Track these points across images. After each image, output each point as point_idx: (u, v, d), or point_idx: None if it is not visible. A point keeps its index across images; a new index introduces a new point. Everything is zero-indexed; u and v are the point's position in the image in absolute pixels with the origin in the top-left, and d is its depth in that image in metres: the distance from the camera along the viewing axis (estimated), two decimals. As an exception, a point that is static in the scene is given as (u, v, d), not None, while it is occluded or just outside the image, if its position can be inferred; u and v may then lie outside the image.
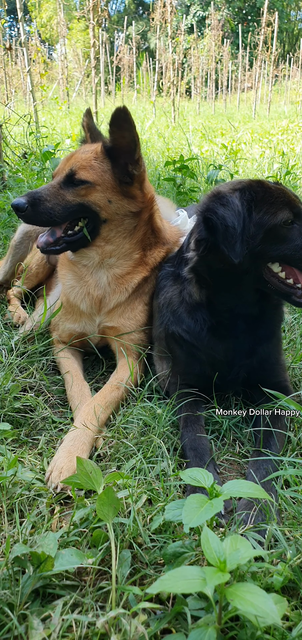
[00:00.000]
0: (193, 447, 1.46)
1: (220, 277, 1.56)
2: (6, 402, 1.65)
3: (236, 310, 1.60)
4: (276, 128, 11.02)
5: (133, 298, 1.96)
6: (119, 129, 1.74)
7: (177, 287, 1.75)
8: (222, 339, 1.63)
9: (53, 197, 1.76)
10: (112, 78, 25.69)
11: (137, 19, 44.40)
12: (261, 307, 1.62)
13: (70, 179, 1.78)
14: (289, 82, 26.15)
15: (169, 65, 13.82)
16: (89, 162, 1.79)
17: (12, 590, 0.98)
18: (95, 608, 0.98)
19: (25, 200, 1.73)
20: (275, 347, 1.72)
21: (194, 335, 1.65)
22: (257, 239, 1.46)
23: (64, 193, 1.78)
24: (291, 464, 1.41)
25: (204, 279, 1.61)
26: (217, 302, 1.61)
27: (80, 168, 1.78)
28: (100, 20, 10.32)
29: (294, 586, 1.03)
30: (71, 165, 1.79)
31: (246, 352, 1.63)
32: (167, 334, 1.77)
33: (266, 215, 1.46)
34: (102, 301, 1.93)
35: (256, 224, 1.46)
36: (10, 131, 5.43)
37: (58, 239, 1.82)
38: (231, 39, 30.58)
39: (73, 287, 1.96)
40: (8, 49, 6.30)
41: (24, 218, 1.78)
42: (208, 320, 1.62)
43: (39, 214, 1.75)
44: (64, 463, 1.37)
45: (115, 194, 1.81)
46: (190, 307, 1.67)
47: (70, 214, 1.80)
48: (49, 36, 35.31)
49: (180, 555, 1.03)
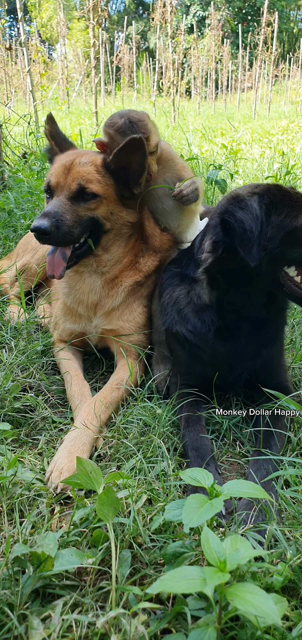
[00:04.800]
0: (195, 447, 1.47)
1: (234, 279, 1.55)
2: (6, 402, 1.65)
3: (243, 312, 1.60)
4: (276, 128, 11.02)
5: (131, 301, 1.97)
6: (130, 153, 1.76)
7: (184, 288, 1.74)
8: (227, 341, 1.63)
9: (70, 215, 1.72)
10: (112, 78, 25.70)
11: (137, 18, 44.42)
12: (268, 310, 1.62)
13: (81, 194, 1.76)
14: (289, 82, 26.16)
15: (169, 65, 13.83)
16: (94, 176, 1.78)
17: (12, 590, 0.98)
18: (95, 608, 0.98)
19: (48, 223, 1.65)
20: (278, 350, 1.72)
21: (200, 336, 1.64)
22: (276, 242, 1.46)
23: (76, 209, 1.76)
24: (291, 464, 1.41)
25: (217, 280, 1.60)
26: (227, 303, 1.61)
27: (88, 182, 1.77)
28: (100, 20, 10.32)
29: (294, 586, 1.03)
30: (78, 179, 1.76)
31: (250, 354, 1.63)
32: (170, 334, 1.77)
33: (287, 218, 1.47)
34: (97, 305, 1.95)
35: (276, 226, 1.47)
36: (10, 131, 5.43)
37: (70, 257, 1.79)
38: (231, 39, 30.59)
39: (69, 293, 1.99)
40: (8, 49, 6.31)
41: (49, 241, 1.70)
42: (216, 322, 1.62)
43: (62, 236, 1.69)
44: (64, 463, 1.37)
45: (116, 205, 1.84)
46: (197, 308, 1.66)
47: (84, 230, 1.79)
48: (49, 36, 35.31)
49: (180, 555, 1.03)
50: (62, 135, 2.07)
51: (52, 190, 1.82)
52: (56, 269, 1.74)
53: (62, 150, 2.01)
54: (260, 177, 5.28)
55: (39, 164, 4.60)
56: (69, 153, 1.93)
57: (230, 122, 11.18)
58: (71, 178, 1.77)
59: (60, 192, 1.78)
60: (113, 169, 1.81)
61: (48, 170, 2.00)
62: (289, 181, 4.60)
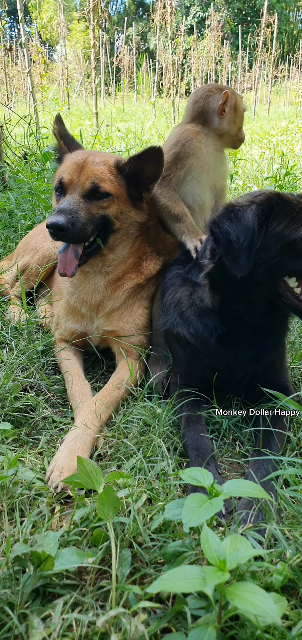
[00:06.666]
0: (195, 446, 1.47)
1: (233, 285, 1.55)
2: (7, 402, 1.65)
3: (245, 318, 1.60)
4: (276, 129, 11.03)
5: (131, 302, 1.98)
6: (147, 161, 1.81)
7: (187, 289, 1.74)
8: (228, 347, 1.63)
9: (84, 213, 1.73)
10: (112, 79, 25.70)
11: (137, 19, 44.46)
12: (270, 318, 1.62)
13: (94, 192, 1.78)
14: (288, 83, 26.18)
15: (169, 66, 13.84)
16: (107, 175, 1.81)
17: (13, 590, 0.98)
18: (96, 607, 0.98)
19: (65, 219, 1.65)
20: (280, 353, 1.73)
21: (201, 340, 1.64)
22: (272, 252, 1.46)
23: (89, 207, 1.77)
24: (290, 464, 1.41)
25: (219, 285, 1.60)
26: (229, 309, 1.61)
27: (102, 181, 1.79)
28: (101, 21, 10.34)
29: (294, 585, 1.03)
30: (92, 177, 1.78)
31: (251, 359, 1.63)
32: (171, 335, 1.77)
33: (286, 229, 1.46)
34: (99, 305, 1.96)
35: (273, 236, 1.46)
36: (11, 132, 5.44)
37: (81, 255, 1.79)
38: (230, 40, 30.60)
39: (73, 292, 1.99)
40: (8, 50, 6.32)
41: (65, 238, 1.71)
42: (219, 328, 1.61)
43: (77, 232, 1.70)
44: (64, 462, 1.37)
45: (126, 205, 1.87)
46: (200, 311, 1.66)
47: (96, 228, 1.80)
48: (49, 37, 35.32)
49: (180, 554, 1.03)
50: (70, 136, 2.10)
51: (65, 188, 1.83)
52: (68, 267, 1.75)
53: (71, 149, 2.02)
54: (259, 177, 5.28)
55: (40, 165, 4.60)
56: (80, 152, 1.96)
57: (230, 123, 11.15)
58: (85, 176, 1.79)
59: (73, 190, 1.79)
60: (127, 173, 1.85)
61: (54, 170, 2.02)
62: (289, 182, 4.60)
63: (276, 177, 4.56)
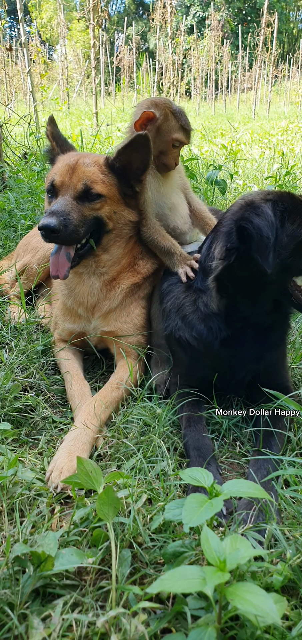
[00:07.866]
0: (196, 446, 1.47)
1: (242, 286, 1.54)
2: (6, 402, 1.65)
3: (250, 319, 1.59)
4: (276, 128, 11.03)
5: (128, 302, 1.97)
6: (134, 150, 1.80)
7: (190, 296, 1.72)
8: (231, 348, 1.62)
9: (76, 215, 1.73)
10: (112, 79, 25.71)
11: (137, 19, 44.44)
12: (273, 317, 1.62)
13: (86, 194, 1.78)
14: (288, 82, 26.19)
15: (169, 66, 13.84)
16: (99, 176, 1.80)
17: (13, 590, 0.98)
18: (96, 607, 0.98)
19: (57, 221, 1.64)
20: (281, 352, 1.72)
21: (205, 343, 1.62)
22: (288, 251, 1.46)
23: (81, 208, 1.76)
24: (290, 464, 1.41)
25: (226, 288, 1.58)
26: (235, 311, 1.59)
27: (94, 182, 1.78)
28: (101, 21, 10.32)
29: (294, 586, 1.03)
30: (83, 179, 1.78)
31: (253, 358, 1.63)
32: (172, 338, 1.76)
33: (299, 227, 1.46)
34: (95, 307, 1.95)
35: (289, 235, 1.46)
36: (11, 132, 5.44)
37: (74, 257, 1.79)
38: (230, 40, 30.61)
39: (69, 295, 1.99)
40: (8, 49, 6.31)
41: (57, 240, 1.70)
42: (224, 330, 1.60)
43: (69, 234, 1.69)
44: (64, 463, 1.37)
45: (119, 205, 1.86)
46: (204, 316, 1.64)
47: (88, 229, 1.80)
48: (49, 37, 35.32)
49: (180, 554, 1.03)
50: (62, 137, 2.09)
51: (56, 190, 1.82)
52: (60, 269, 1.74)
53: (63, 151, 2.02)
54: (260, 177, 5.28)
55: (40, 165, 4.60)
56: (71, 154, 1.95)
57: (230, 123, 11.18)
58: (76, 178, 1.78)
59: (65, 192, 1.78)
60: (117, 167, 1.83)
61: (49, 171, 2.01)
62: (289, 182, 4.60)
63: (276, 177, 4.55)
